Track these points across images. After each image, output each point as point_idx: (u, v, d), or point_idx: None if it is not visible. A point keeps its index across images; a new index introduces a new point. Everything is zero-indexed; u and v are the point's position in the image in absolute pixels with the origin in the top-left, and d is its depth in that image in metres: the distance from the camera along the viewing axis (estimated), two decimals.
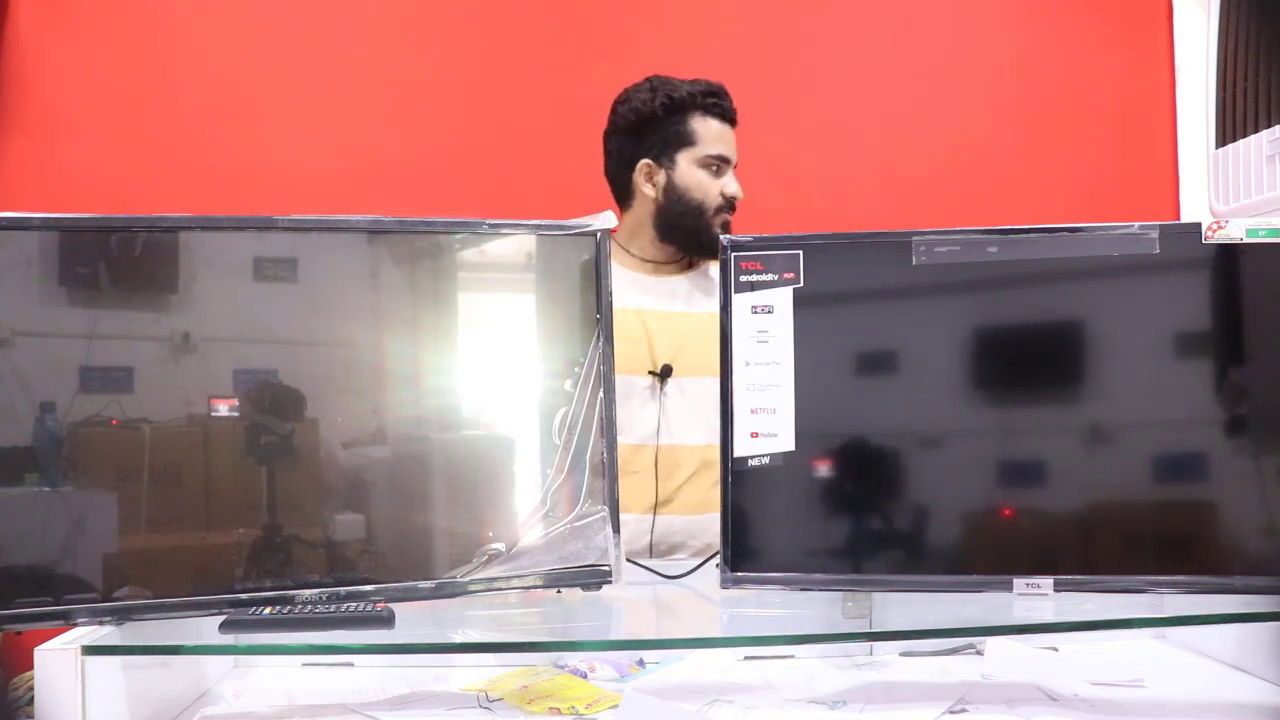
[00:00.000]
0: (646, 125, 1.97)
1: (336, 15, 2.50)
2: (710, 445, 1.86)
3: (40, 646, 1.09)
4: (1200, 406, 1.21)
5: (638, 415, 1.86)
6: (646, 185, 1.97)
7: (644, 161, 1.97)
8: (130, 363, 1.14)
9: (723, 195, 1.94)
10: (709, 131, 1.94)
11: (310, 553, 1.18)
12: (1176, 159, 2.59)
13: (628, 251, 1.99)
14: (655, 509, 1.85)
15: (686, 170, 1.95)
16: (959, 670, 1.39)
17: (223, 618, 1.12)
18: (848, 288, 1.28)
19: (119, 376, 1.14)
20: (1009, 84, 2.59)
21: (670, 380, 1.89)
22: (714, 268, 2.00)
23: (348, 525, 1.20)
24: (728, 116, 1.96)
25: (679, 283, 2.00)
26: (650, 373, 1.88)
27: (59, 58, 2.44)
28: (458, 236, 1.25)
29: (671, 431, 1.89)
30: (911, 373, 1.26)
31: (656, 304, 1.96)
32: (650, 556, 1.83)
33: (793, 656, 1.43)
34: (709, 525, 1.84)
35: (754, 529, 1.25)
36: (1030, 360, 1.25)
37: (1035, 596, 1.20)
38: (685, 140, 1.94)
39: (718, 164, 1.94)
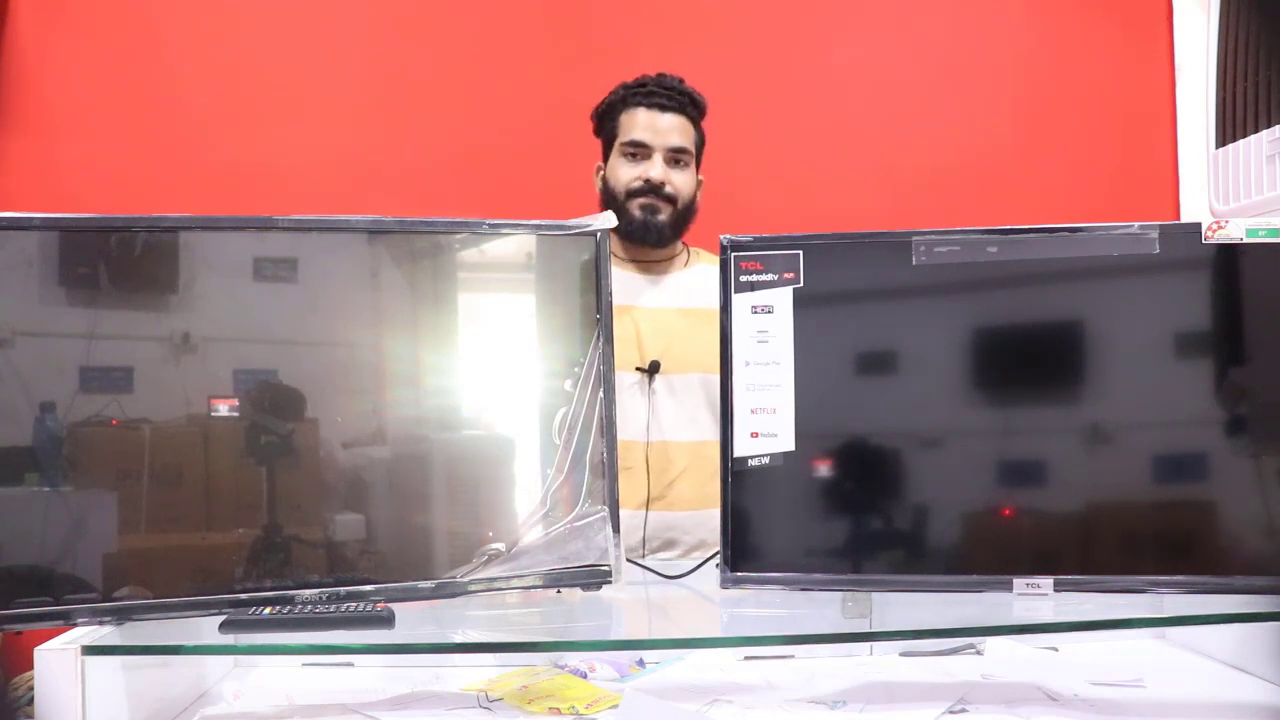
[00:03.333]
0: (597, 130, 2.03)
1: (337, 16, 2.50)
2: (703, 441, 1.87)
3: (40, 646, 1.09)
4: (1200, 406, 1.21)
5: (627, 411, 1.85)
6: (598, 185, 2.03)
7: (596, 164, 2.04)
8: (130, 363, 1.14)
9: (639, 179, 1.93)
10: (630, 121, 1.96)
11: (310, 553, 1.18)
12: (1176, 159, 2.59)
13: (614, 253, 1.99)
14: (648, 504, 1.85)
15: (612, 162, 1.98)
16: (959, 670, 1.39)
17: (223, 618, 1.12)
18: (848, 288, 1.28)
19: (119, 376, 1.14)
20: (1009, 84, 2.59)
21: (658, 376, 1.89)
22: (704, 265, 2.00)
23: (348, 525, 1.20)
24: (654, 103, 1.94)
25: (667, 280, 2.00)
26: (638, 369, 1.89)
27: (59, 58, 2.44)
28: (458, 236, 1.25)
29: (661, 428, 1.89)
30: (911, 373, 1.26)
31: (644, 300, 1.96)
32: (644, 552, 1.83)
33: (793, 656, 1.43)
34: (703, 521, 1.84)
35: (754, 529, 1.25)
36: (1030, 360, 1.25)
37: (1035, 596, 1.20)
38: (614, 135, 1.98)
39: (634, 150, 1.94)
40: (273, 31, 2.48)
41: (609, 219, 1.29)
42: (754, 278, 1.26)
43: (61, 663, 1.08)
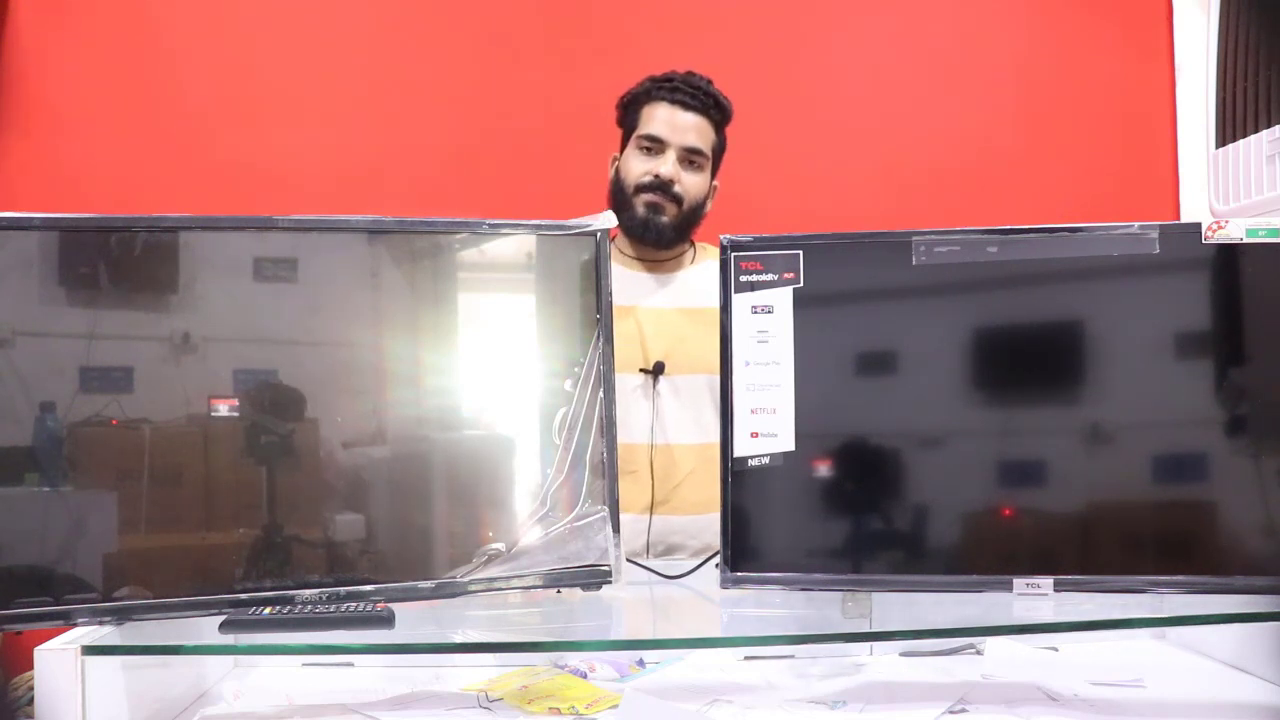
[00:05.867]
0: (620, 123, 2.01)
1: (337, 16, 2.50)
2: (707, 444, 1.85)
3: (40, 646, 1.09)
4: (1200, 406, 1.21)
5: (631, 414, 1.84)
6: (611, 175, 2.00)
7: (612, 155, 2.01)
8: (130, 363, 1.14)
9: (650, 174, 1.91)
10: (650, 115, 1.93)
11: (310, 553, 1.18)
12: (1176, 159, 2.59)
13: (620, 249, 1.99)
14: (651, 509, 1.84)
15: (627, 154, 1.96)
16: (959, 670, 1.39)
17: (223, 618, 1.12)
18: (848, 288, 1.28)
19: (119, 376, 1.14)
20: (1009, 84, 2.59)
21: (663, 378, 1.88)
22: (710, 261, 2.00)
23: (348, 525, 1.20)
24: (677, 100, 1.91)
25: (673, 278, 1.99)
26: (642, 370, 1.88)
27: (59, 58, 2.44)
28: (458, 236, 1.25)
29: (665, 430, 1.88)
30: (911, 373, 1.26)
31: (649, 300, 1.95)
32: (647, 558, 1.82)
33: (793, 656, 1.43)
34: (707, 526, 1.82)
35: (754, 529, 1.25)
36: (1030, 360, 1.25)
37: (1035, 596, 1.20)
38: (633, 128, 1.96)
39: (649, 144, 1.92)
40: (273, 31, 2.48)
41: (609, 219, 1.29)
42: (754, 278, 1.26)
43: (61, 663, 1.08)
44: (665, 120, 1.91)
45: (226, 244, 1.18)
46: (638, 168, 1.92)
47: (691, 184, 1.93)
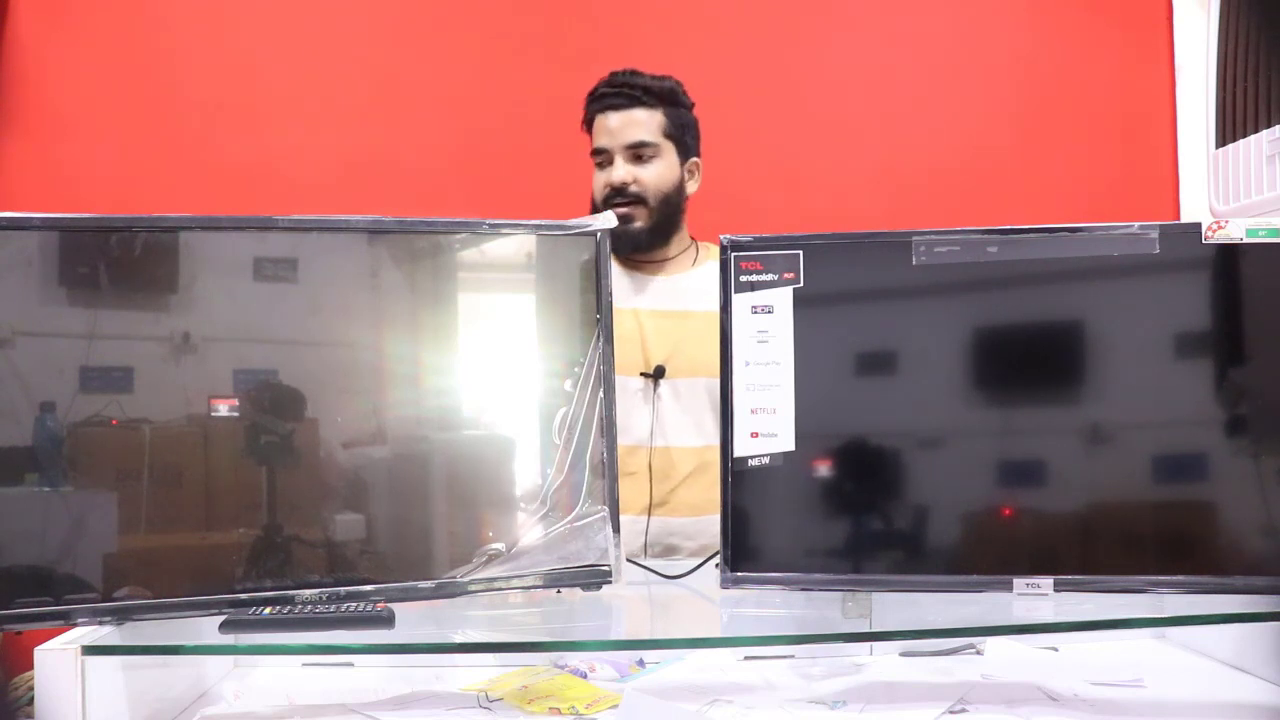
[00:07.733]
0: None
1: (337, 15, 2.50)
2: (707, 447, 1.86)
3: (40, 646, 1.09)
4: (1200, 406, 1.21)
5: (631, 417, 1.85)
6: None
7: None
8: (130, 363, 1.14)
9: (606, 187, 1.91)
10: (594, 130, 1.95)
11: (310, 553, 1.18)
12: (1176, 159, 2.59)
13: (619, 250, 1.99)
14: (650, 510, 1.84)
15: (593, 174, 1.97)
16: (959, 670, 1.39)
17: (223, 618, 1.12)
18: (848, 288, 1.28)
19: (119, 376, 1.14)
20: (1009, 84, 2.59)
21: (663, 381, 1.89)
22: (713, 262, 1.99)
23: (348, 525, 1.20)
24: (607, 105, 1.92)
25: (674, 280, 1.99)
26: (643, 374, 1.88)
27: (59, 58, 2.44)
28: (458, 236, 1.25)
29: (665, 433, 1.88)
30: (911, 373, 1.26)
31: (652, 303, 1.95)
32: (645, 558, 1.82)
33: (793, 656, 1.43)
34: (706, 527, 1.83)
35: (754, 529, 1.25)
36: (1030, 360, 1.25)
37: (1035, 596, 1.20)
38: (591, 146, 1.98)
39: (599, 158, 1.94)
40: (273, 31, 2.48)
41: (609, 218, 1.29)
42: (754, 278, 1.26)
43: (61, 663, 1.08)
44: (601, 129, 1.93)
45: (226, 244, 1.18)
46: (597, 185, 1.94)
47: (648, 176, 1.91)
